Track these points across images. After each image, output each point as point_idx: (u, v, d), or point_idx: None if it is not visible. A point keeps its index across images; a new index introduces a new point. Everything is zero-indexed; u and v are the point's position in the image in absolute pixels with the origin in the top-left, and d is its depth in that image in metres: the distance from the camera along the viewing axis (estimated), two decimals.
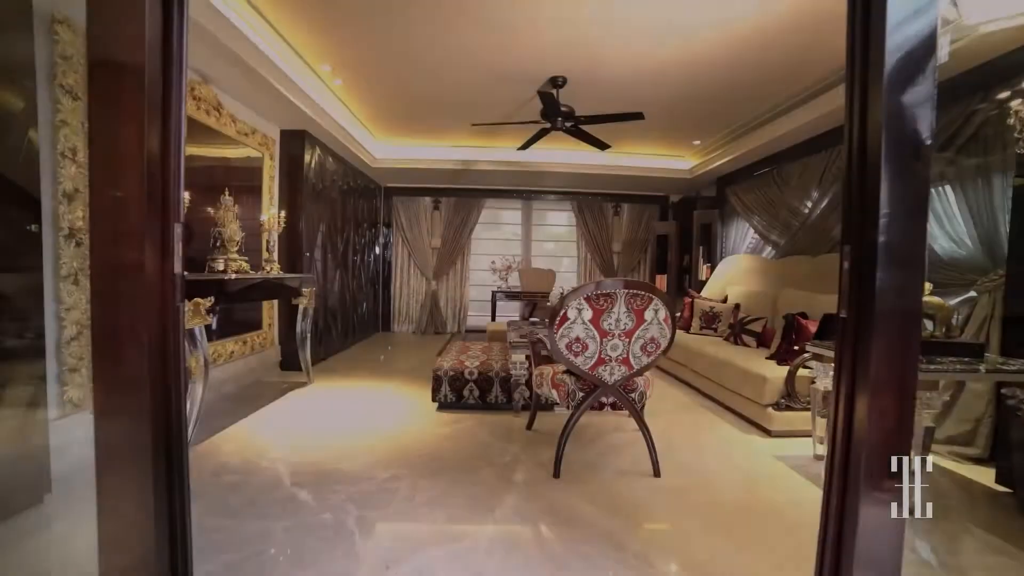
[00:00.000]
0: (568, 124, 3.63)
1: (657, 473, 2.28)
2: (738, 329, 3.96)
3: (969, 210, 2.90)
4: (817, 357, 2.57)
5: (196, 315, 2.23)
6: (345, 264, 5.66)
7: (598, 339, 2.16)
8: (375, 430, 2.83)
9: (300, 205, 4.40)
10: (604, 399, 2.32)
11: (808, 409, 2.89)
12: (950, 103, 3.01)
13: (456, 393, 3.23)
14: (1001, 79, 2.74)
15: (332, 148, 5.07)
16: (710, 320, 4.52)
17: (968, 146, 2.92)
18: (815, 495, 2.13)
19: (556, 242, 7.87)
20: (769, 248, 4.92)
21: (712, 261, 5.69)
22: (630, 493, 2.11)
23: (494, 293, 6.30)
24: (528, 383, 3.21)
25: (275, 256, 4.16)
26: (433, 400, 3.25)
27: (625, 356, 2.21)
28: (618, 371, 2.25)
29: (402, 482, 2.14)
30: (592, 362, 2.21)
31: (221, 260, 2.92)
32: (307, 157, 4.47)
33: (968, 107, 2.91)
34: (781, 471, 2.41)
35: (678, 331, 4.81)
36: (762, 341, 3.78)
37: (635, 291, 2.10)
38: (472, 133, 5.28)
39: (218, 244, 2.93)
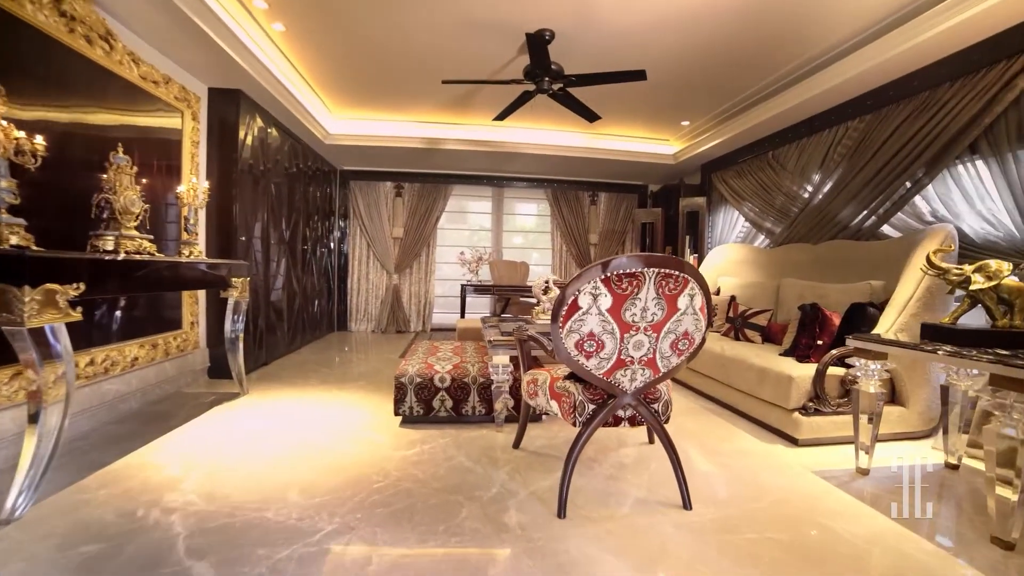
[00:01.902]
0: (556, 86, 3.11)
1: (687, 504, 1.79)
2: (740, 323, 3.58)
3: (1009, 186, 2.60)
4: (860, 353, 2.17)
5: (48, 307, 1.55)
6: (293, 254, 4.92)
7: (618, 334, 1.64)
8: (321, 456, 2.20)
9: (234, 180, 3.66)
10: (621, 412, 1.81)
11: (839, 413, 2.50)
12: (987, 65, 2.70)
13: (424, 404, 2.64)
14: None
15: (277, 117, 4.33)
16: None
17: (1007, 114, 2.62)
18: (880, 524, 1.71)
19: (529, 233, 7.37)
20: (762, 237, 4.60)
21: (699, 251, 5.34)
22: (661, 536, 1.61)
23: (464, 287, 5.71)
24: (513, 390, 2.67)
25: (200, 239, 3.43)
26: (396, 413, 2.65)
27: (651, 356, 1.71)
28: (641, 376, 1.74)
29: (353, 536, 1.54)
30: (609, 365, 1.69)
31: (110, 238, 2.20)
32: (244, 124, 3.73)
33: (1007, 70, 2.60)
34: (827, 492, 1.98)
35: None
36: (768, 336, 3.40)
37: (667, 270, 1.60)
38: (440, 107, 4.67)
39: (105, 216, 2.21)
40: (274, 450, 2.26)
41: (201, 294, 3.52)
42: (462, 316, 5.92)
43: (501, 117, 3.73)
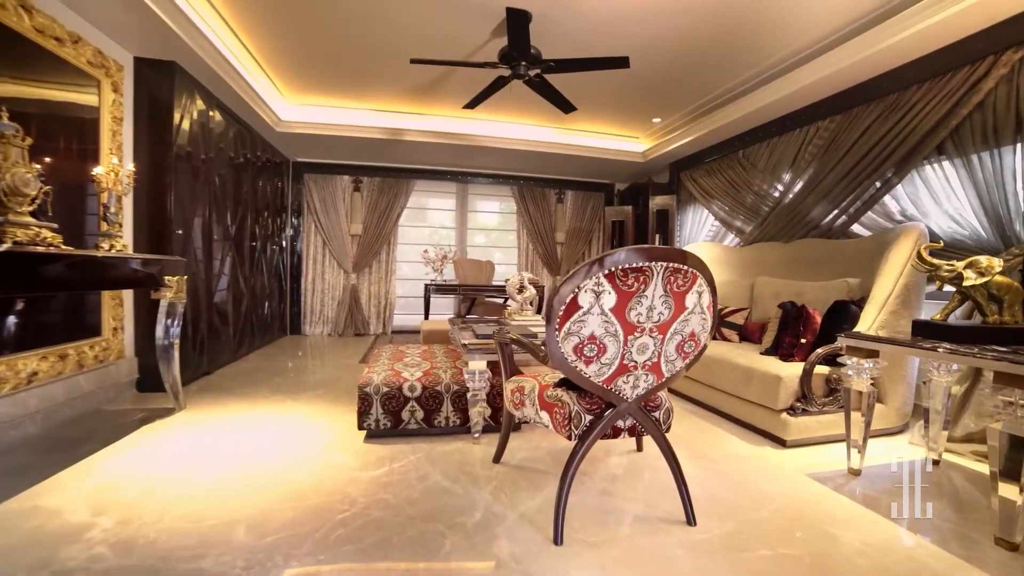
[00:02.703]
0: (533, 72, 2.92)
1: (691, 520, 1.64)
2: (716, 322, 3.53)
3: (974, 186, 2.65)
4: (853, 351, 2.12)
5: None
6: (240, 252, 4.46)
7: (621, 337, 1.46)
8: (275, 482, 1.89)
9: (169, 166, 3.22)
10: (620, 422, 1.64)
11: (824, 413, 2.46)
12: (953, 69, 2.76)
13: (392, 416, 2.38)
14: (1014, 41, 2.50)
15: (221, 99, 3.89)
16: None
17: (972, 116, 2.68)
18: (887, 530, 1.62)
19: (493, 231, 7.16)
20: (732, 236, 4.62)
21: None
22: (670, 559, 1.45)
23: (428, 287, 5.42)
24: (491, 398, 2.46)
25: (127, 232, 2.99)
26: (360, 427, 2.36)
27: (656, 360, 1.55)
28: (644, 382, 1.57)
29: None
30: (611, 371, 1.51)
31: None
32: (180, 103, 3.29)
33: (972, 74, 2.66)
34: (826, 497, 1.90)
35: None
36: (745, 334, 3.37)
37: (675, 264, 1.44)
38: (403, 95, 4.38)
39: None
40: (216, 477, 1.92)
41: (128, 295, 3.07)
42: (426, 317, 5.63)
43: (472, 105, 3.50)
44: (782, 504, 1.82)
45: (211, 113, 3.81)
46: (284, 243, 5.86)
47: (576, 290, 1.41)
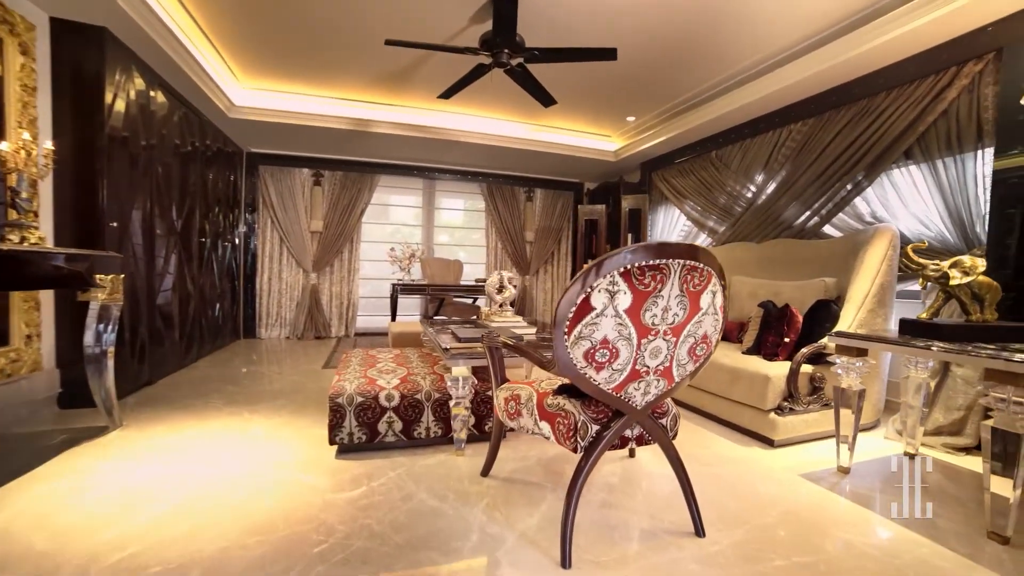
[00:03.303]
0: (516, 61, 2.78)
1: (700, 531, 1.56)
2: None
3: (940, 190, 2.76)
4: (842, 351, 2.12)
5: None
6: (188, 249, 4.05)
7: (635, 341, 1.35)
8: (234, 513, 1.65)
9: (100, 150, 2.83)
10: (628, 432, 1.53)
11: (808, 411, 2.47)
12: (919, 78, 2.86)
13: (368, 429, 2.17)
14: (974, 54, 2.61)
15: (164, 77, 3.50)
16: None
17: (937, 124, 2.78)
18: (892, 531, 1.60)
19: (461, 229, 6.97)
20: (704, 235, 4.67)
21: None
22: None
23: (396, 287, 5.16)
24: (475, 405, 2.30)
25: (46, 223, 2.60)
26: (331, 442, 2.13)
27: (668, 364, 1.44)
28: (655, 388, 1.47)
29: None
30: (622, 378, 1.40)
31: None
32: (113, 78, 2.90)
33: (936, 83, 2.77)
34: (826, 499, 1.88)
35: None
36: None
37: (692, 262, 1.34)
38: (371, 83, 4.12)
39: None
40: (161, 511, 1.65)
41: (47, 297, 2.67)
42: (393, 319, 5.37)
43: (448, 94, 3.32)
44: (784, 508, 1.78)
45: (152, 93, 3.41)
46: (237, 240, 5.41)
47: (588, 290, 1.28)
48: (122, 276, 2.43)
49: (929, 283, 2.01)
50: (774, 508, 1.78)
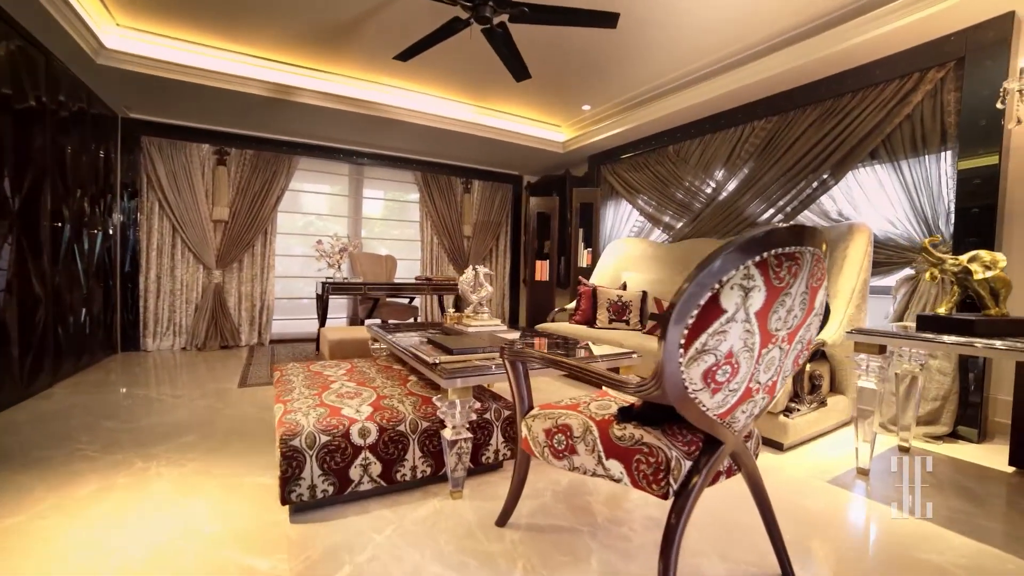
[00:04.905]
0: (499, 19, 2.35)
1: (789, 572, 1.31)
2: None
3: (905, 190, 2.86)
4: (861, 348, 2.03)
5: None
6: (34, 237, 2.99)
7: (756, 351, 1.04)
8: None
9: None
10: (721, 464, 1.21)
11: (812, 411, 2.39)
12: (884, 81, 2.95)
13: (336, 477, 1.62)
14: (937, 61, 2.73)
15: None
16: (620, 311, 3.89)
17: (902, 126, 2.89)
18: (955, 542, 1.50)
19: (393, 222, 6.32)
20: (659, 231, 4.61)
21: (594, 246, 5.17)
22: None
23: (325, 286, 4.42)
24: (472, 431, 1.86)
25: None
26: (284, 500, 1.55)
27: (775, 379, 1.15)
28: (758, 408, 1.17)
29: None
30: (735, 399, 1.07)
31: None
32: None
33: (901, 88, 2.87)
34: (873, 510, 1.75)
35: (581, 327, 4.09)
36: None
37: (819, 251, 1.06)
38: (299, 40, 3.41)
39: None
40: None
41: None
42: (322, 323, 4.62)
43: (407, 55, 2.77)
44: (847, 529, 1.61)
45: None
46: (111, 229, 4.25)
47: (717, 286, 0.93)
48: None
49: (922, 278, 1.99)
50: (831, 528, 1.60)
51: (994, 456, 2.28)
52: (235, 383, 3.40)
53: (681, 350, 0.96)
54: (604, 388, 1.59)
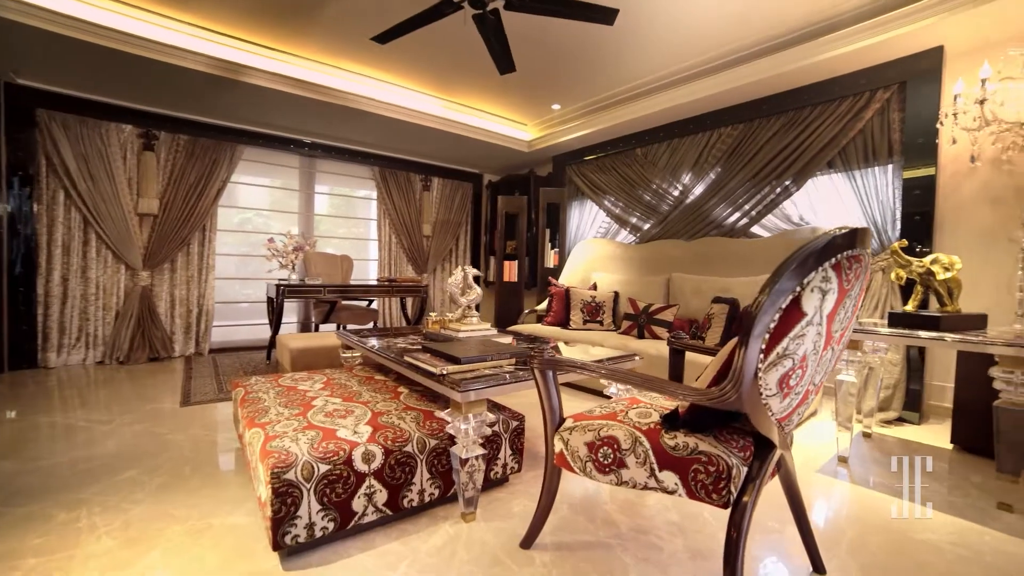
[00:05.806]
0: (493, 5, 2.23)
1: (820, 567, 1.33)
2: (645, 320, 3.44)
3: (858, 198, 3.10)
4: (849, 345, 2.14)
5: None
6: None
7: (819, 353, 1.02)
8: None
9: None
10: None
11: None
12: (839, 97, 3.18)
13: (338, 510, 1.43)
14: (883, 83, 2.99)
15: None
16: (594, 312, 3.91)
17: (855, 140, 3.13)
18: (947, 524, 1.59)
19: (347, 219, 5.96)
20: (626, 232, 4.69)
21: (560, 247, 5.17)
22: None
23: (281, 288, 4.04)
24: (489, 447, 1.74)
25: None
26: (277, 546, 1.33)
27: (823, 379, 1.16)
28: (808, 409, 1.17)
29: None
30: (797, 402, 1.06)
31: None
32: None
33: (855, 104, 3.11)
34: (871, 498, 1.83)
35: (555, 328, 4.05)
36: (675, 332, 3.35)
37: (868, 253, 1.07)
38: (251, 13, 3.08)
39: None
40: None
41: None
42: (276, 330, 4.21)
43: (387, 36, 2.56)
44: (854, 517, 1.68)
45: None
46: None
47: (799, 289, 0.90)
48: None
49: (873, 279, 2.16)
50: (840, 519, 1.67)
51: (936, 436, 2.52)
52: (175, 401, 2.98)
53: (763, 356, 0.92)
54: (633, 395, 1.54)
